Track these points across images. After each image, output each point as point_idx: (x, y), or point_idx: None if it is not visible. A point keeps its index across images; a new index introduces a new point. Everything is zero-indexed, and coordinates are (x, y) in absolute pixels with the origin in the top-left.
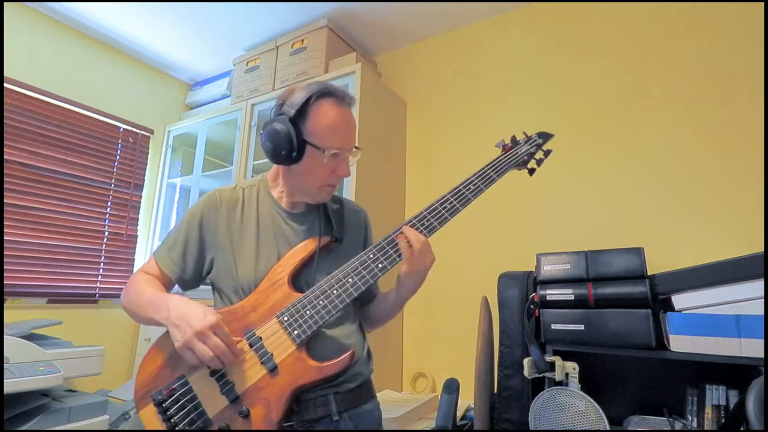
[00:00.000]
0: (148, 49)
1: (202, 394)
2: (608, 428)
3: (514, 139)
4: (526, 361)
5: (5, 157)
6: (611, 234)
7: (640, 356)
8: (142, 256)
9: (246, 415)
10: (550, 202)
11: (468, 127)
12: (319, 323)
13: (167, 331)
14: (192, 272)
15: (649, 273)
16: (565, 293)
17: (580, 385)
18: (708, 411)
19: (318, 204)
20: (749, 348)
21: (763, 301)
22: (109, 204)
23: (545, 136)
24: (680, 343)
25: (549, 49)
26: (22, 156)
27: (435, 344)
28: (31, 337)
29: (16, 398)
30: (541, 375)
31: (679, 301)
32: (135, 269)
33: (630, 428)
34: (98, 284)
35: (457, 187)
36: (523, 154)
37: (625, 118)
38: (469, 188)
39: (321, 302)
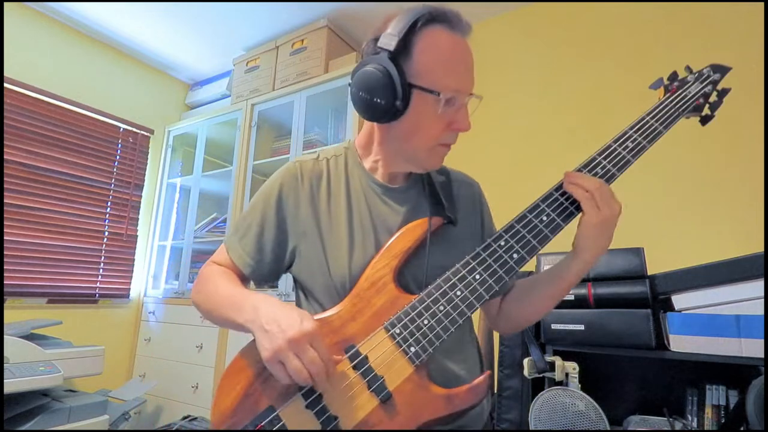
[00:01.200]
0: (148, 49)
1: None
2: (608, 428)
3: (676, 75)
4: (526, 361)
5: (5, 157)
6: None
7: (640, 356)
8: (142, 256)
9: None
10: None
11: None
12: (442, 336)
13: (248, 346)
14: (269, 265)
15: (649, 273)
16: None
17: (580, 385)
18: (708, 411)
19: (422, 176)
20: (749, 348)
21: (763, 301)
22: (109, 204)
23: (721, 70)
24: (680, 343)
25: (549, 49)
26: (22, 156)
27: None
28: (31, 337)
29: (16, 398)
30: (541, 375)
31: (679, 301)
32: (135, 269)
33: (630, 428)
34: (98, 284)
35: (609, 146)
36: (696, 95)
37: (625, 117)
38: (627, 146)
39: (441, 308)
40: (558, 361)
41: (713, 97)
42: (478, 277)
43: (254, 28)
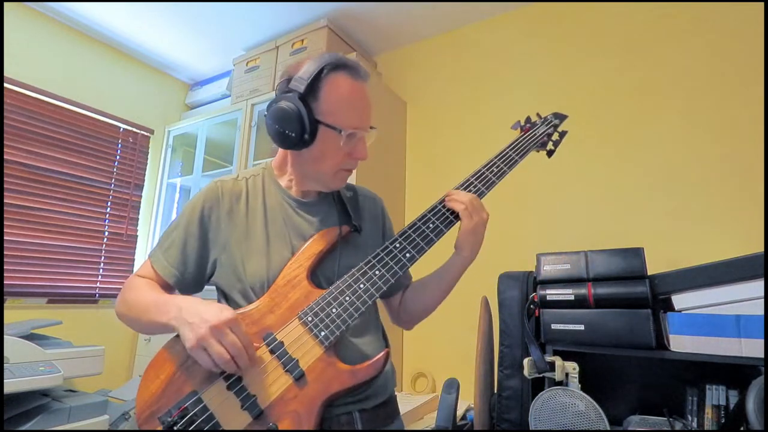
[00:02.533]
0: (148, 49)
1: (220, 412)
2: (608, 428)
3: (529, 120)
4: (526, 361)
5: (5, 157)
6: (611, 234)
7: (640, 356)
8: (142, 256)
9: None
10: (549, 202)
11: (468, 126)
12: (348, 322)
13: (171, 340)
14: (193, 275)
15: (649, 273)
16: (565, 293)
17: (580, 385)
18: (708, 411)
19: (331, 192)
20: (749, 348)
21: (763, 301)
22: (109, 204)
23: (560, 117)
24: (680, 343)
25: (549, 49)
26: (22, 156)
27: (435, 344)
28: (31, 337)
29: (16, 398)
30: (541, 375)
31: (679, 301)
32: (135, 269)
33: (630, 428)
34: (98, 284)
35: (479, 170)
36: (542, 134)
37: (625, 117)
38: (492, 170)
39: (347, 298)
40: (558, 361)
41: (555, 136)
42: (377, 272)
43: (254, 28)
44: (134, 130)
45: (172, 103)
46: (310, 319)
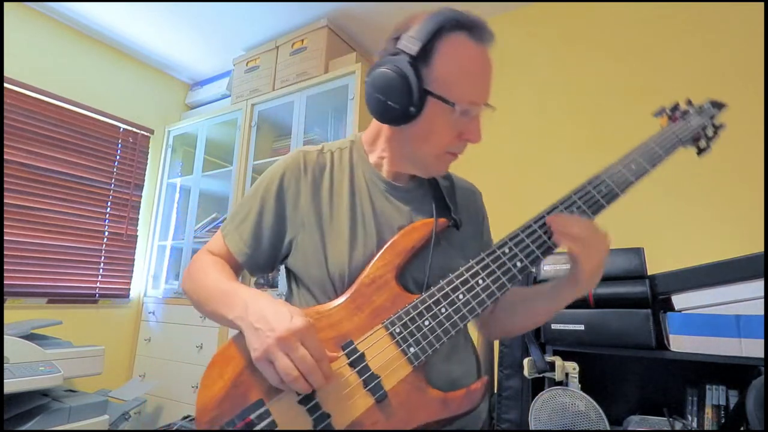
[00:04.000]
0: (148, 49)
1: (289, 429)
2: (608, 428)
3: (677, 107)
4: (526, 361)
5: (5, 157)
6: (611, 234)
7: (640, 356)
8: (142, 256)
9: None
10: (549, 202)
11: None
12: (442, 339)
13: (239, 334)
14: (266, 254)
15: (649, 273)
16: None
17: (580, 385)
18: (708, 411)
19: (428, 178)
20: (749, 348)
21: (763, 301)
22: (109, 204)
23: (718, 105)
24: (680, 343)
25: (549, 49)
26: (22, 156)
27: None
28: (31, 337)
29: (16, 398)
30: (541, 375)
31: (679, 301)
32: (135, 269)
33: (630, 428)
34: (98, 284)
35: (613, 165)
36: (697, 127)
37: (626, 117)
38: (630, 168)
39: (443, 310)
40: (558, 361)
41: (710, 131)
42: (481, 282)
43: (254, 28)
44: (134, 130)
45: (172, 103)
46: (398, 330)
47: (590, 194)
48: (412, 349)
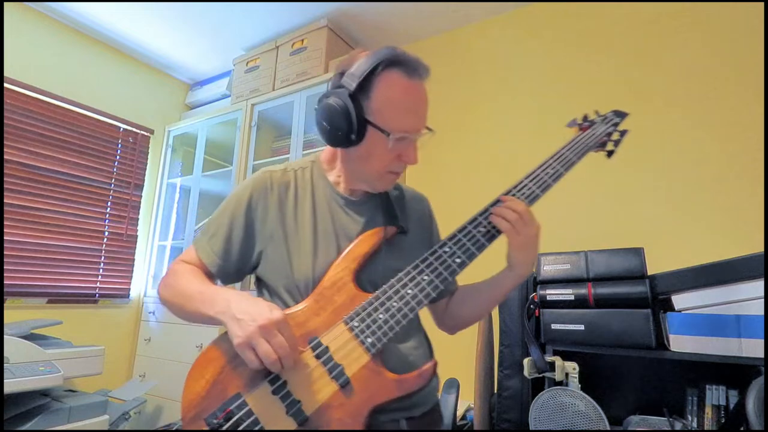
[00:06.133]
0: (148, 49)
1: (265, 417)
2: (608, 428)
3: (586, 118)
4: (526, 361)
5: (5, 157)
6: (611, 234)
7: (640, 356)
8: (142, 256)
9: None
10: (549, 202)
11: (468, 126)
12: (395, 329)
13: (218, 338)
14: (236, 264)
15: (649, 273)
16: (565, 293)
17: (580, 385)
18: (708, 411)
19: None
20: (749, 348)
21: (763, 301)
22: (109, 204)
23: (621, 115)
24: (680, 343)
25: (549, 49)
26: (22, 156)
27: (435, 344)
28: (31, 337)
29: (16, 398)
30: (541, 375)
31: (679, 301)
32: (135, 269)
33: (630, 428)
34: (98, 284)
35: (534, 171)
36: (602, 134)
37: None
38: (548, 172)
39: (395, 304)
40: (558, 361)
41: (616, 135)
42: (426, 278)
43: (254, 28)
44: (134, 130)
45: (172, 103)
46: (356, 324)
47: (515, 197)
48: (369, 340)
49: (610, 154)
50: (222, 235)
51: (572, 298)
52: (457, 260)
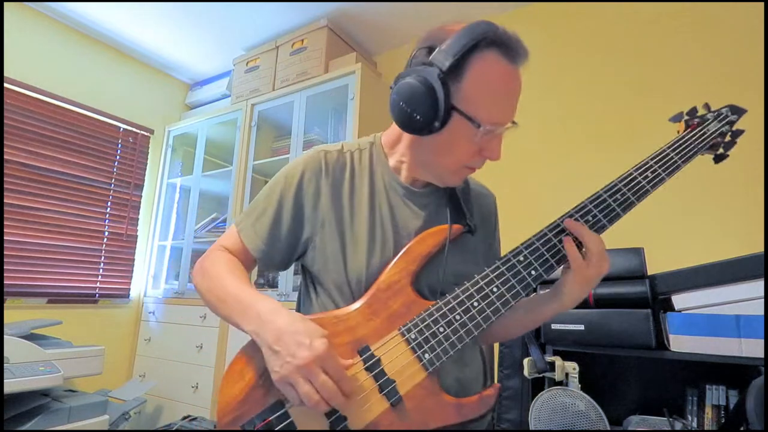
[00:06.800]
0: (148, 49)
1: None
2: (608, 428)
3: (695, 111)
4: (526, 361)
5: (5, 157)
6: (611, 234)
7: (640, 356)
8: (142, 256)
9: None
10: (549, 202)
11: None
12: (456, 346)
13: None
14: (282, 252)
15: (649, 273)
16: None
17: (580, 385)
18: (708, 411)
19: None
20: (749, 348)
21: (763, 301)
22: (109, 204)
23: (738, 111)
24: (680, 343)
25: (549, 48)
26: (22, 156)
27: None
28: (31, 337)
29: (16, 398)
30: (541, 375)
31: (679, 301)
32: (135, 269)
33: (630, 428)
34: (98, 284)
35: (629, 173)
36: (714, 134)
37: (626, 117)
38: (647, 176)
39: (458, 317)
40: (558, 361)
41: (728, 137)
42: (495, 290)
43: (254, 28)
44: (134, 130)
45: (172, 103)
46: (413, 336)
47: (605, 202)
48: (427, 356)
49: (719, 159)
50: (269, 218)
51: None
52: (533, 273)
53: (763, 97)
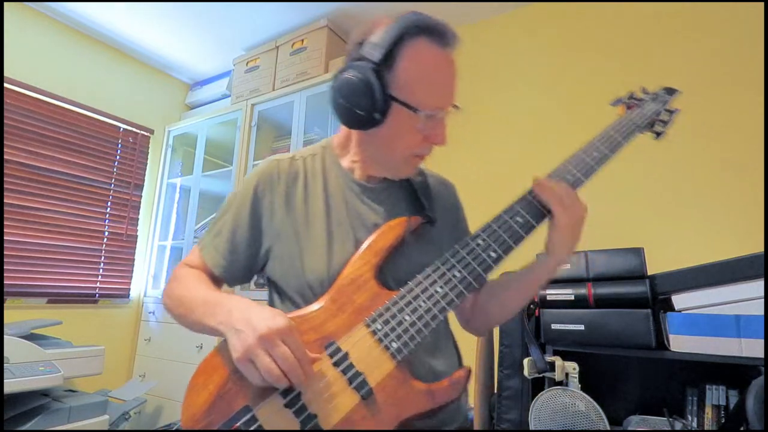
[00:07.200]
0: (148, 49)
1: None
2: (608, 428)
3: (633, 95)
4: (526, 361)
5: (5, 157)
6: (611, 234)
7: (640, 356)
8: (142, 256)
9: None
10: None
11: (468, 126)
12: (423, 332)
13: (223, 341)
14: (242, 264)
15: (649, 273)
16: (565, 293)
17: (580, 385)
18: (708, 411)
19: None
20: (749, 348)
21: (763, 301)
22: (109, 204)
23: (671, 92)
24: (680, 343)
25: (549, 48)
26: (22, 156)
27: None
28: (31, 337)
29: (16, 398)
30: (541, 375)
31: (679, 301)
32: (135, 269)
33: (630, 428)
34: (98, 284)
35: (576, 154)
36: (651, 113)
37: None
38: (592, 155)
39: (422, 303)
40: (558, 361)
41: (665, 115)
42: (457, 274)
43: (254, 28)
44: (134, 130)
45: (172, 103)
46: (379, 327)
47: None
48: (394, 345)
49: (658, 135)
50: (226, 233)
51: (572, 297)
52: (492, 254)
53: (763, 97)
